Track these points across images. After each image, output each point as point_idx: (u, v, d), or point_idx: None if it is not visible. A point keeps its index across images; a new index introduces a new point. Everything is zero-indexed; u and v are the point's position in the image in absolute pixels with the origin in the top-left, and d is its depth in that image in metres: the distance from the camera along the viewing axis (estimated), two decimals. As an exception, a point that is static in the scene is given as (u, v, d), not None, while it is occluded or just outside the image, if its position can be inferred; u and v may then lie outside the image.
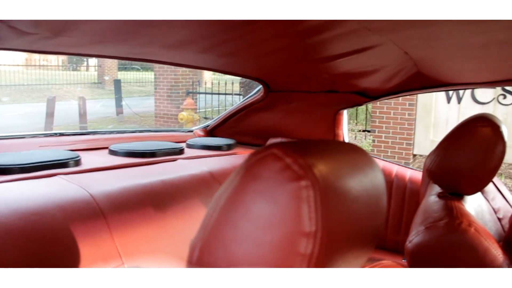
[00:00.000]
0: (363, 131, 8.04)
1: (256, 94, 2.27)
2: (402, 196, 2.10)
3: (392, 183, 2.12)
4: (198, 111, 9.33)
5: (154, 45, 1.24)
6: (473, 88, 6.72)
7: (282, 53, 1.50)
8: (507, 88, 6.83)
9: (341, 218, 0.53)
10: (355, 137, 8.55)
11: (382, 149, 6.98)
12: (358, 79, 1.89)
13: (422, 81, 1.89)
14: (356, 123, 8.85)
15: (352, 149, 0.65)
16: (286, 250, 0.48)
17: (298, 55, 1.52)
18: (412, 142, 6.85)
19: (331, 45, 1.38)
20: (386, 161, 2.24)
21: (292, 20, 0.97)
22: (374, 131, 7.03)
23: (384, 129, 6.97)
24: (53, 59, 20.32)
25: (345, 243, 0.56)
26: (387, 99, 2.19)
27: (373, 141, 7.06)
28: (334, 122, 2.21)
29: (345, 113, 2.26)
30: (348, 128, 7.73)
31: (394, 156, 6.86)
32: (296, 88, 2.13)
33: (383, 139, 6.99)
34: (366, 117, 8.10)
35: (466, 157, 1.28)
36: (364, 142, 8.16)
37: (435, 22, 1.09)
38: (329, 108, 2.19)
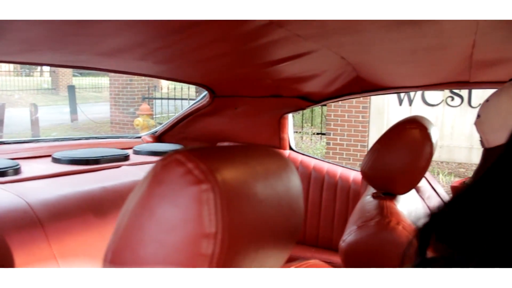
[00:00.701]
0: (318, 134, 8.16)
1: (202, 100, 2.28)
2: (346, 197, 2.15)
3: (337, 184, 2.18)
4: (154, 116, 9.25)
5: (86, 53, 1.23)
6: (410, 92, 6.94)
7: (223, 59, 1.52)
8: (455, 90, 7.08)
9: (246, 219, 0.55)
10: (311, 140, 8.66)
11: (338, 151, 7.11)
12: (300, 83, 1.94)
13: (361, 85, 1.95)
14: (312, 126, 8.96)
15: (269, 154, 0.67)
16: (188, 250, 0.50)
17: (240, 60, 1.55)
18: (366, 144, 7.00)
19: (269, 51, 1.41)
20: (330, 163, 2.29)
21: (226, 22, 0.99)
22: (329, 134, 7.14)
23: (339, 131, 7.10)
24: (3, 64, 19.68)
25: (252, 243, 0.58)
26: (329, 102, 2.25)
27: (328, 143, 7.17)
28: (279, 126, 2.25)
29: (290, 117, 2.30)
30: (303, 131, 7.76)
31: (349, 158, 6.99)
32: (241, 93, 2.15)
33: (338, 141, 7.11)
34: (321, 120, 8.23)
35: (396, 158, 1.33)
36: (318, 145, 8.28)
37: (363, 28, 1.13)
38: (274, 112, 2.22)
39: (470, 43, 1.29)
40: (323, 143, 7.82)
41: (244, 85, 2.03)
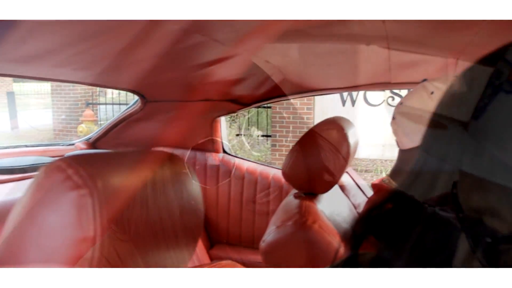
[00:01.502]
0: (263, 136, 8.23)
1: (135, 105, 2.26)
2: (279, 197, 2.18)
3: (270, 186, 2.21)
4: (99, 122, 9.05)
5: None
6: (336, 93, 7.08)
7: (148, 64, 1.51)
8: (395, 90, 7.28)
9: (129, 223, 0.57)
10: (257, 142, 8.70)
11: (284, 152, 7.16)
12: (230, 87, 1.95)
13: (289, 87, 1.98)
14: (257, 129, 9.00)
15: (163, 159, 0.68)
16: (68, 254, 0.51)
17: (166, 65, 1.54)
18: (311, 144, 7.08)
19: (193, 55, 1.42)
20: (263, 165, 2.33)
21: (139, 26, 0.99)
22: (275, 136, 7.20)
23: (284, 133, 7.16)
24: None
25: (140, 245, 0.59)
26: (260, 105, 2.27)
27: (274, 145, 7.22)
28: (211, 130, 2.27)
29: (222, 120, 2.33)
30: (248, 133, 7.73)
31: (295, 159, 7.05)
32: (173, 97, 2.15)
33: (284, 143, 7.18)
34: (267, 122, 8.29)
35: (314, 159, 1.37)
36: (263, 147, 8.33)
37: (274, 32, 1.15)
38: (205, 116, 2.24)
39: (385, 46, 1.34)
40: (268, 145, 7.88)
41: (174, 89, 2.03)
